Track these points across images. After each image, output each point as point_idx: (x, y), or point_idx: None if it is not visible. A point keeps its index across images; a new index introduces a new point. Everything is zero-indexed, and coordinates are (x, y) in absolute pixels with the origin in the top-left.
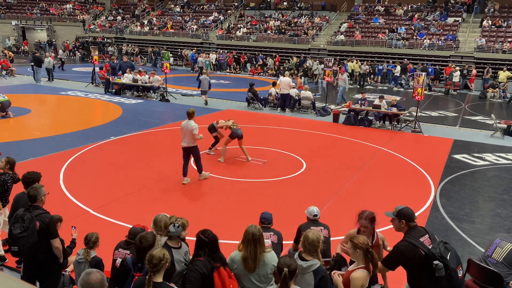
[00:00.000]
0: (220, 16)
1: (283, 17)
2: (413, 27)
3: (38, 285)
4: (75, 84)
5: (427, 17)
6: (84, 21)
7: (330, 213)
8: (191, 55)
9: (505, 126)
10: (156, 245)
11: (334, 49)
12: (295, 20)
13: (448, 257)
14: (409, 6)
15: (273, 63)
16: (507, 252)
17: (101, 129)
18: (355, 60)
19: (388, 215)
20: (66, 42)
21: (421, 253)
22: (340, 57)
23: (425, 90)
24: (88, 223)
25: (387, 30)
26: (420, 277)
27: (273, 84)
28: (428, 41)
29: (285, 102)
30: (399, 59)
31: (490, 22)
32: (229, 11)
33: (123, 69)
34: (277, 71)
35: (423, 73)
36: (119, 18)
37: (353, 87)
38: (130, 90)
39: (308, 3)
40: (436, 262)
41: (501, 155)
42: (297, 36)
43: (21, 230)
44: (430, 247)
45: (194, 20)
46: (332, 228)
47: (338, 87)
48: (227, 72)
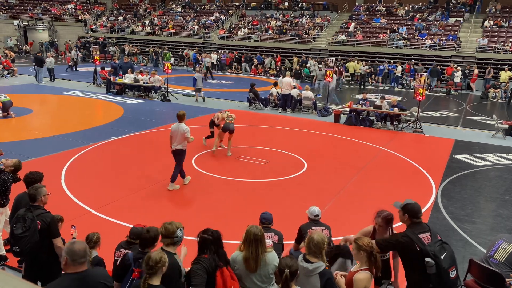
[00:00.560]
0: (221, 16)
1: (284, 17)
2: (414, 27)
3: (39, 284)
4: (77, 84)
5: (429, 17)
6: (86, 21)
7: (331, 214)
8: (192, 55)
9: (506, 126)
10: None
11: (335, 49)
12: (296, 20)
13: (442, 256)
14: (411, 6)
15: (270, 63)
16: (509, 252)
17: (102, 129)
18: (356, 60)
19: (396, 205)
20: (67, 42)
21: (416, 248)
22: (342, 57)
23: (426, 90)
24: (90, 223)
25: (388, 30)
26: (414, 272)
27: (274, 84)
28: (430, 41)
29: (286, 102)
30: (400, 59)
31: (491, 22)
32: (230, 11)
33: (123, 69)
34: (278, 71)
35: (424, 73)
36: (120, 18)
37: (354, 87)
38: (131, 90)
39: (309, 3)
40: (427, 259)
41: (503, 155)
42: (298, 36)
43: (22, 230)
44: (427, 244)
45: (196, 20)
46: (333, 228)
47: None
48: (228, 72)
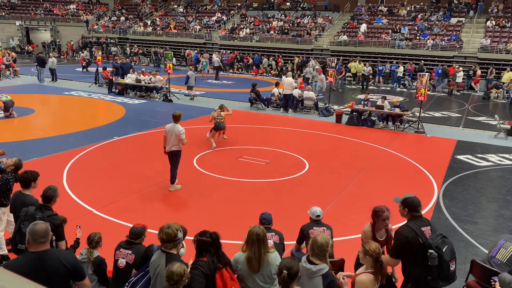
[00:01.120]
0: (223, 17)
1: (286, 18)
2: (416, 28)
3: None
4: (79, 84)
5: (431, 17)
6: (88, 21)
7: (333, 214)
8: (194, 55)
9: (508, 126)
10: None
11: (337, 49)
12: (298, 20)
13: (444, 249)
14: (413, 7)
15: (267, 63)
16: (511, 253)
17: (104, 129)
18: (358, 61)
19: (396, 200)
20: (70, 43)
21: (419, 241)
22: (343, 58)
23: (429, 90)
24: (91, 223)
25: (390, 31)
26: (413, 265)
27: (275, 84)
28: (432, 41)
29: (288, 102)
30: (402, 59)
31: (493, 22)
32: (232, 11)
33: (124, 70)
34: (279, 71)
35: (426, 73)
36: (122, 18)
37: (356, 87)
38: (133, 90)
39: (311, 3)
40: (431, 251)
41: (505, 155)
42: (300, 37)
43: None
44: (429, 237)
45: (197, 21)
46: (334, 228)
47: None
48: (230, 73)
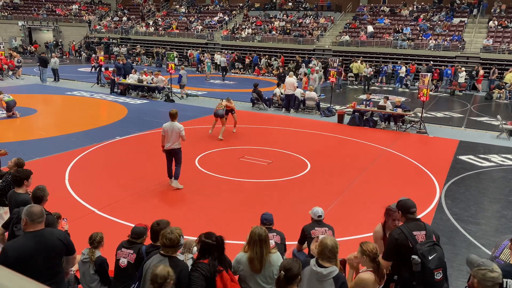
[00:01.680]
0: (225, 17)
1: (288, 18)
2: (418, 28)
3: None
4: (81, 84)
5: (433, 17)
6: (90, 21)
7: (334, 214)
8: (196, 55)
9: (511, 127)
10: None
11: (339, 49)
12: (300, 20)
13: (430, 257)
14: (415, 7)
15: (265, 63)
16: None
17: (106, 129)
18: (359, 61)
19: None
20: (72, 43)
21: (409, 245)
22: (344, 58)
23: (431, 91)
24: (93, 222)
25: (392, 31)
26: (404, 268)
27: (277, 85)
28: (434, 41)
29: (290, 102)
30: (404, 59)
31: (496, 22)
32: (234, 11)
33: (126, 70)
34: (281, 71)
35: (428, 74)
36: (124, 18)
37: (358, 87)
38: (135, 90)
39: (313, 3)
40: (414, 256)
41: (507, 156)
42: (302, 37)
43: None
44: (419, 243)
45: (199, 21)
46: (336, 229)
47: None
48: (231, 73)
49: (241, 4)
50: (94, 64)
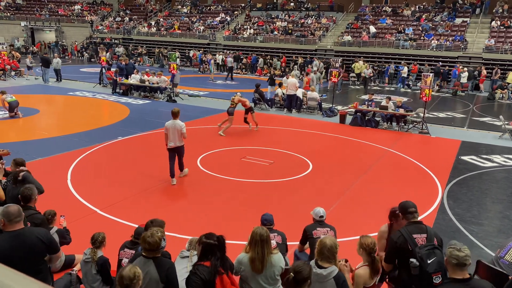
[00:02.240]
0: (227, 17)
1: (290, 18)
2: (420, 28)
3: None
4: (83, 84)
5: (435, 17)
6: (92, 22)
7: (336, 215)
8: (198, 55)
9: None
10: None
11: (341, 49)
12: (302, 21)
13: (429, 261)
14: (417, 7)
15: (263, 63)
16: None
17: (108, 129)
18: (361, 61)
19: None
20: (74, 43)
21: (408, 248)
22: (347, 58)
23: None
24: (95, 222)
25: (394, 31)
26: (404, 270)
27: (279, 85)
28: (436, 41)
29: (292, 102)
30: (406, 60)
31: (498, 22)
32: (236, 12)
33: (128, 71)
34: (283, 72)
35: (431, 74)
36: (126, 19)
37: (360, 88)
38: (137, 90)
39: (315, 3)
40: (412, 259)
41: (510, 156)
42: (303, 37)
43: None
44: (419, 246)
45: (201, 21)
46: (338, 229)
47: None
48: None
49: (243, 5)
50: (105, 65)
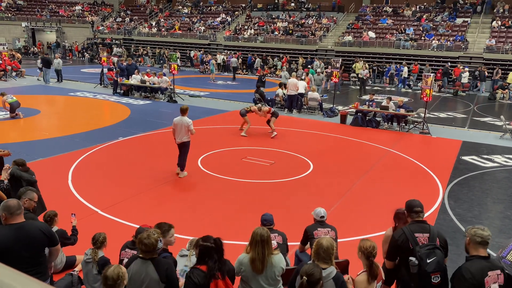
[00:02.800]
0: (227, 18)
1: (291, 18)
2: (421, 28)
3: None
4: (84, 85)
5: (436, 17)
6: (93, 22)
7: (337, 215)
8: (199, 56)
9: None
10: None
11: (342, 50)
12: (303, 21)
13: (429, 260)
14: (417, 7)
15: (259, 63)
16: None
17: (109, 129)
18: (361, 61)
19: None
20: (75, 43)
21: (409, 246)
22: (348, 58)
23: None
24: (96, 223)
25: (395, 31)
26: (403, 269)
27: (279, 85)
28: (437, 42)
29: (292, 103)
30: (407, 60)
31: (499, 22)
32: (236, 12)
33: (129, 71)
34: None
35: (431, 74)
36: (127, 19)
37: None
38: (138, 91)
39: (315, 4)
40: (412, 258)
41: (511, 156)
42: (304, 37)
43: None
44: (419, 245)
45: (202, 22)
46: (339, 230)
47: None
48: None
49: (243, 5)
50: (111, 66)
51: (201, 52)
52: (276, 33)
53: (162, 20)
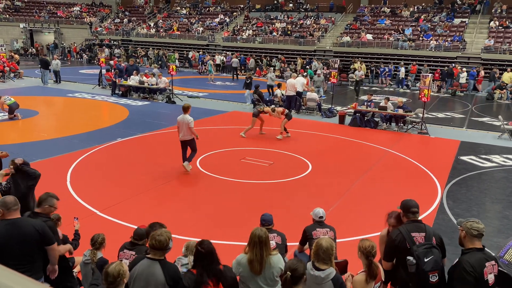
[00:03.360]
0: (226, 18)
1: (289, 19)
2: (419, 28)
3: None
4: (82, 86)
5: (434, 18)
6: (91, 23)
7: (336, 215)
8: (199, 56)
9: None
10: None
11: (340, 50)
12: (301, 21)
13: (426, 259)
14: (415, 7)
15: (254, 64)
16: None
17: (107, 130)
18: (358, 62)
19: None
20: (73, 45)
21: (406, 246)
22: (346, 59)
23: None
24: (95, 224)
25: (393, 31)
26: (402, 268)
27: (278, 86)
28: (435, 42)
29: (291, 103)
30: (405, 60)
31: (497, 23)
32: (235, 13)
33: (129, 72)
34: (282, 72)
35: (429, 74)
36: (125, 20)
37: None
38: (136, 92)
39: (313, 4)
40: (409, 257)
41: (509, 156)
42: (302, 38)
43: None
44: (416, 244)
45: (200, 22)
46: (338, 230)
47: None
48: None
49: (242, 6)
50: (104, 67)
51: (200, 52)
52: (275, 33)
53: (161, 21)
